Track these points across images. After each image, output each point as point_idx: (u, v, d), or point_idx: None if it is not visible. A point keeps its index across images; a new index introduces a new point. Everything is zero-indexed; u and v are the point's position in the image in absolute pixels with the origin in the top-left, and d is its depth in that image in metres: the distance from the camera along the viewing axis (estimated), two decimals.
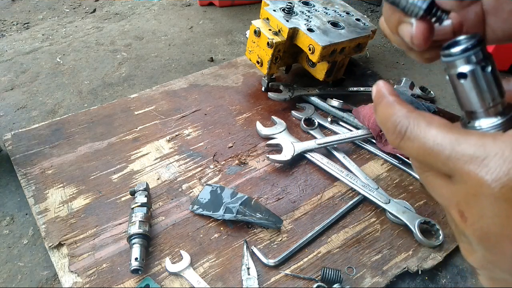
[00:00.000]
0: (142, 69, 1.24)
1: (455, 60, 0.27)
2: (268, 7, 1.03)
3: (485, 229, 0.25)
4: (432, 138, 0.27)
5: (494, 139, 0.24)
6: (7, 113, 1.05)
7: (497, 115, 0.28)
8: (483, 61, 0.27)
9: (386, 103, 0.30)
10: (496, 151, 0.24)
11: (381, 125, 0.31)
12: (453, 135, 0.26)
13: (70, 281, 0.68)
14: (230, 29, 1.48)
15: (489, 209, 0.24)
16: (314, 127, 1.01)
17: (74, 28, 1.46)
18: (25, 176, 0.85)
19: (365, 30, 1.04)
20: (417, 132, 0.28)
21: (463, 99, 0.28)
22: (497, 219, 0.24)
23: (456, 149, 0.25)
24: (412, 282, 0.73)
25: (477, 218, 0.25)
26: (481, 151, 0.24)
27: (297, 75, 1.21)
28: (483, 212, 0.25)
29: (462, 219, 0.26)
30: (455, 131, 0.26)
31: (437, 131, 0.27)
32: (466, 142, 0.25)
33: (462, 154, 0.25)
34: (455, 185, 0.26)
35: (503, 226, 0.24)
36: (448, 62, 0.28)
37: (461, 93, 0.28)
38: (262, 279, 0.70)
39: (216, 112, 1.05)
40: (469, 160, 0.25)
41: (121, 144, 0.94)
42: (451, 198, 0.27)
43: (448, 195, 0.27)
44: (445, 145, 0.26)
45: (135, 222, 0.71)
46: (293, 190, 0.86)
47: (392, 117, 0.29)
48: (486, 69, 0.27)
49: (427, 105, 0.94)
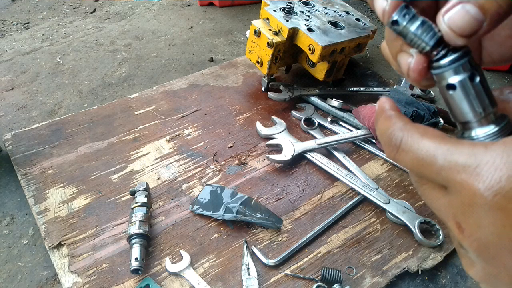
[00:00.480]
0: (142, 69, 1.24)
1: (444, 72, 0.28)
2: (268, 7, 1.03)
3: (483, 240, 0.25)
4: (425, 149, 0.27)
5: (485, 148, 0.25)
6: (7, 113, 1.05)
7: (490, 124, 0.28)
8: (471, 71, 0.27)
9: (385, 117, 0.30)
10: (487, 160, 0.24)
11: (379, 139, 0.31)
12: (445, 145, 0.26)
13: (70, 281, 0.68)
14: (230, 29, 1.48)
15: (485, 219, 0.24)
16: (314, 127, 1.01)
17: (74, 28, 1.46)
18: (25, 176, 0.85)
19: (365, 30, 1.04)
20: (410, 143, 0.28)
21: (455, 110, 0.29)
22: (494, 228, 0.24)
23: (448, 159, 0.25)
24: (412, 282, 0.73)
25: (474, 229, 0.25)
26: (472, 160, 0.24)
27: (297, 75, 1.21)
28: (479, 222, 0.24)
29: (459, 230, 0.26)
30: (447, 141, 0.26)
31: (430, 142, 0.27)
32: (458, 152, 0.25)
33: (454, 164, 0.25)
34: (450, 196, 0.26)
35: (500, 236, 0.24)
36: (437, 75, 0.28)
37: (453, 104, 0.29)
38: (262, 279, 0.70)
39: (216, 112, 1.05)
40: (462, 169, 0.25)
41: (121, 144, 0.94)
42: (448, 210, 0.27)
43: (444, 207, 0.27)
44: (437, 156, 0.26)
45: (135, 222, 0.71)
46: (293, 190, 0.86)
47: (388, 130, 0.30)
48: (475, 79, 0.27)
49: (427, 105, 0.94)
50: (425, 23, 0.27)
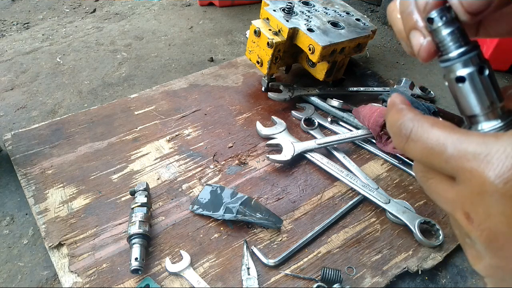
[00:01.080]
0: (142, 69, 1.24)
1: (453, 64, 0.28)
2: (268, 7, 1.03)
3: (492, 229, 0.24)
4: (435, 138, 0.27)
5: (496, 137, 0.25)
6: (7, 113, 1.05)
7: (497, 118, 0.28)
8: (480, 64, 0.28)
9: (396, 110, 0.31)
10: (498, 148, 0.24)
11: (389, 131, 0.31)
12: (455, 135, 0.26)
13: (70, 281, 0.68)
14: (230, 29, 1.48)
15: (494, 207, 0.24)
16: (314, 127, 1.00)
17: (74, 28, 1.46)
18: (25, 176, 0.85)
19: (365, 30, 1.04)
20: (420, 133, 0.28)
21: (463, 103, 0.29)
22: (503, 217, 0.24)
23: (458, 147, 0.26)
24: (412, 282, 0.73)
25: (483, 218, 0.25)
26: (482, 148, 0.24)
27: (297, 75, 1.21)
28: (489, 211, 0.24)
29: (468, 221, 0.26)
30: (457, 131, 0.26)
31: (440, 131, 0.27)
32: (468, 141, 0.25)
33: (464, 152, 0.25)
34: (459, 186, 0.26)
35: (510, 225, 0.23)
36: (446, 67, 0.29)
37: (461, 98, 0.29)
38: (262, 279, 0.70)
39: (216, 112, 1.05)
40: (472, 157, 0.25)
41: (121, 144, 0.94)
42: (456, 201, 0.27)
43: (452, 198, 0.27)
44: (447, 144, 0.26)
45: (135, 222, 0.71)
46: (293, 190, 0.86)
47: (398, 121, 0.30)
48: (484, 72, 0.28)
49: (427, 105, 0.94)
50: (456, 32, 0.28)
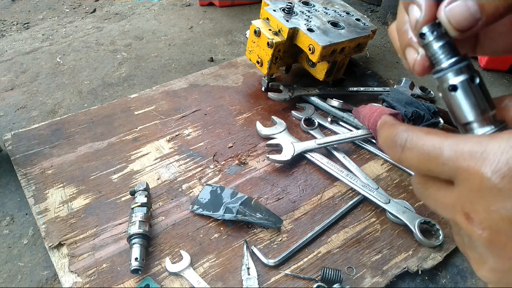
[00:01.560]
0: (142, 69, 1.24)
1: (445, 74, 0.30)
2: (268, 7, 1.03)
3: (493, 227, 0.24)
4: (431, 143, 0.27)
5: (490, 137, 0.25)
6: (7, 113, 1.05)
7: (490, 125, 0.29)
8: (471, 73, 0.29)
9: (388, 125, 0.32)
10: (493, 145, 0.24)
11: (383, 146, 0.32)
12: (451, 139, 0.27)
13: (70, 281, 0.68)
14: (230, 29, 1.48)
15: (494, 204, 0.24)
16: (314, 127, 1.00)
17: (74, 28, 1.46)
18: (25, 176, 0.85)
19: (365, 30, 1.03)
20: (416, 140, 0.29)
21: (457, 112, 0.30)
22: (504, 213, 0.23)
23: (455, 148, 0.26)
24: (412, 282, 0.73)
25: (483, 216, 0.25)
26: (478, 147, 0.25)
27: (297, 75, 1.21)
28: (489, 208, 0.24)
29: (468, 221, 0.26)
30: (452, 135, 0.27)
31: (435, 137, 0.28)
32: (464, 142, 0.26)
33: (461, 152, 0.26)
34: (458, 187, 0.26)
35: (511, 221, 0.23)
36: (439, 78, 0.30)
37: (455, 106, 0.30)
38: (262, 279, 0.70)
39: (216, 112, 1.05)
40: (468, 156, 0.25)
41: (121, 144, 0.94)
42: (455, 203, 0.27)
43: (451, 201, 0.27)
44: (443, 147, 0.27)
45: (135, 222, 0.71)
46: (293, 190, 0.86)
47: (392, 133, 0.31)
48: (475, 80, 0.29)
49: (427, 105, 0.94)
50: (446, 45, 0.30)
